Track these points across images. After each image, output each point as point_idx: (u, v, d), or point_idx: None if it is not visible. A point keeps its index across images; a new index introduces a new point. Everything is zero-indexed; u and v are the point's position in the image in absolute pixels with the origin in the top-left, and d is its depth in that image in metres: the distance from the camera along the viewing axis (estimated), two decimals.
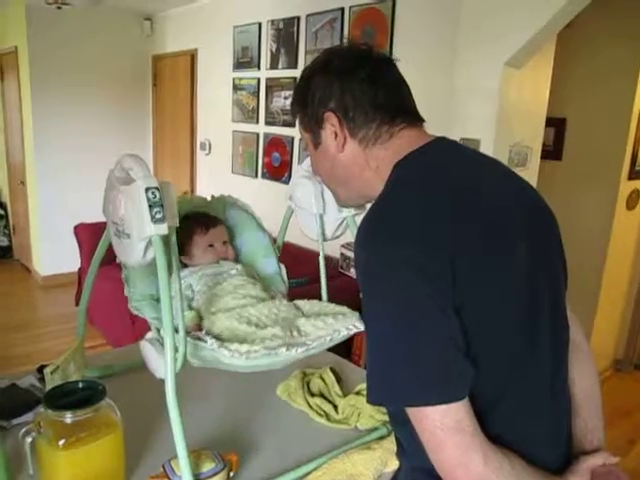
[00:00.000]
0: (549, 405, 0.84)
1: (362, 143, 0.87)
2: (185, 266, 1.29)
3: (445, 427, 0.68)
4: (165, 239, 0.95)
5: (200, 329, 1.10)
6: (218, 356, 1.01)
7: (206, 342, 1.02)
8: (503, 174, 0.90)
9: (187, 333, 1.04)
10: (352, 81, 0.86)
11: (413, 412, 0.70)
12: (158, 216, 0.92)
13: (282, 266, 1.40)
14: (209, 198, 1.41)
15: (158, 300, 1.16)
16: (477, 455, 0.68)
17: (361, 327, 1.14)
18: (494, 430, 0.72)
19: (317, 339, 1.07)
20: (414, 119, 0.89)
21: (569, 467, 0.83)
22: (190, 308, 1.19)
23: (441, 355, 0.68)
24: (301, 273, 2.60)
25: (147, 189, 0.92)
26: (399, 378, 0.70)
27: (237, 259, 1.37)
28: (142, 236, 0.93)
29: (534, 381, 0.80)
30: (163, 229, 0.92)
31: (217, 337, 1.05)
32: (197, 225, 1.30)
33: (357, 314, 1.18)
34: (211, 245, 1.30)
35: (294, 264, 2.49)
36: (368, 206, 0.92)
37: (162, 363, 0.99)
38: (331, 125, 0.87)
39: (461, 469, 0.68)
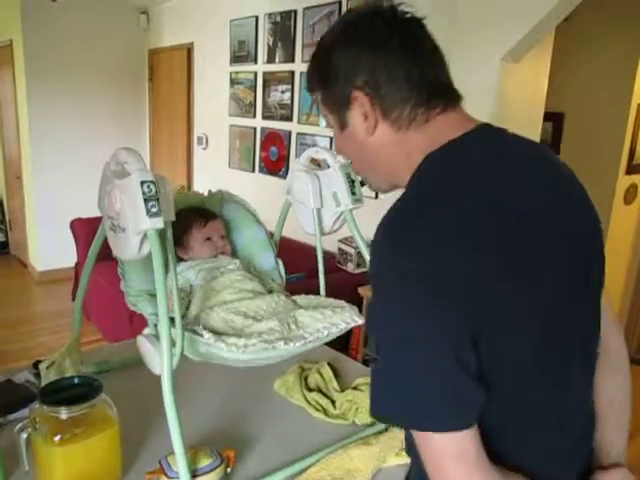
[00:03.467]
0: (568, 423, 0.79)
1: (395, 125, 0.76)
2: (181, 260, 1.28)
3: (448, 455, 0.64)
4: (161, 233, 0.94)
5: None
6: (215, 350, 1.00)
7: (202, 336, 1.01)
8: (549, 170, 0.79)
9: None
10: (383, 51, 0.74)
11: (417, 435, 0.66)
12: (154, 210, 0.90)
13: (279, 261, 1.39)
14: (206, 193, 1.40)
15: (155, 296, 1.15)
16: None
17: (359, 321, 1.13)
18: (505, 447, 0.69)
19: (315, 332, 1.06)
20: (451, 99, 0.78)
21: None
22: (189, 302, 1.18)
23: (454, 381, 0.63)
24: (298, 268, 2.59)
25: (142, 182, 0.91)
26: (407, 399, 0.65)
27: (234, 254, 1.36)
28: (137, 230, 0.92)
29: (556, 400, 0.75)
30: (159, 223, 0.91)
31: (213, 331, 1.04)
32: (195, 217, 1.30)
33: (356, 308, 1.18)
34: (209, 238, 1.29)
35: (291, 259, 2.48)
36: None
37: (159, 358, 0.99)
38: (360, 105, 0.76)
39: None
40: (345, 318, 1.12)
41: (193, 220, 1.29)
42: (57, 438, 0.90)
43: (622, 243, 3.60)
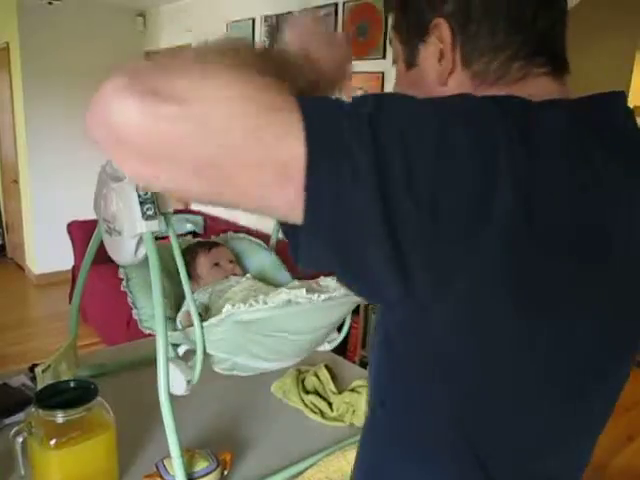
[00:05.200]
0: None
1: (477, 78, 0.58)
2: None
3: None
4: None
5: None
6: (235, 316, 0.92)
7: (221, 313, 0.94)
8: None
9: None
10: None
11: None
12: (149, 213, 0.91)
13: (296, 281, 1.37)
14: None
15: (168, 318, 1.14)
16: None
17: None
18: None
19: (339, 288, 0.97)
20: (560, 66, 0.60)
21: None
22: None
23: None
24: (297, 271, 2.60)
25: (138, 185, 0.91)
26: None
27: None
28: (133, 233, 0.92)
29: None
30: (154, 226, 0.91)
31: None
32: (200, 246, 1.32)
33: None
34: (217, 264, 1.29)
35: (290, 262, 2.47)
36: None
37: (182, 379, 0.98)
38: (438, 39, 0.58)
39: None
40: None
41: (198, 248, 1.31)
42: (53, 442, 0.90)
43: None
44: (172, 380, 1.00)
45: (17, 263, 5.59)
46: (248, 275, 1.28)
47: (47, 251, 4.97)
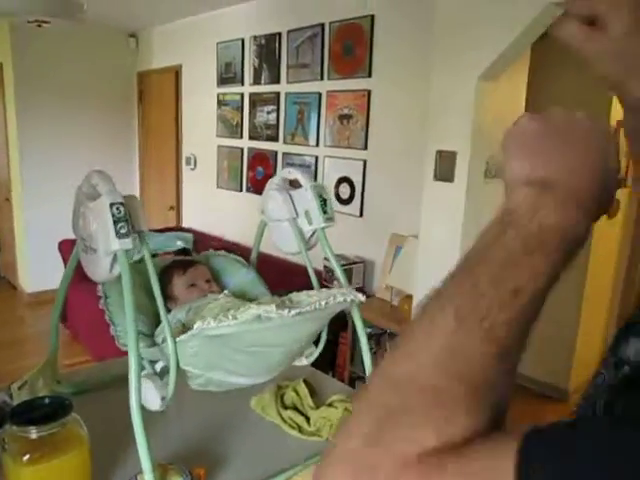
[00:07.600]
0: None
1: None
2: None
3: None
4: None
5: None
6: (205, 331, 0.94)
7: (192, 328, 0.97)
8: None
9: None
10: None
11: None
12: (122, 231, 0.93)
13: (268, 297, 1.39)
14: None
15: (146, 335, 1.17)
16: None
17: (361, 298, 1.05)
18: None
19: (313, 303, 0.97)
20: None
21: None
22: None
23: None
24: (286, 287, 2.61)
25: (112, 204, 0.93)
26: None
27: None
28: (108, 251, 0.94)
29: None
30: (128, 244, 0.94)
31: None
32: (175, 268, 1.34)
33: (354, 290, 1.08)
34: (193, 285, 1.31)
35: (279, 278, 2.48)
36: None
37: (156, 395, 1.01)
38: None
39: None
40: (344, 292, 1.03)
41: (173, 270, 1.33)
42: (26, 458, 0.91)
43: (605, 259, 3.61)
44: (147, 396, 1.02)
45: (9, 282, 5.59)
46: (225, 292, 1.30)
47: (39, 269, 4.97)
